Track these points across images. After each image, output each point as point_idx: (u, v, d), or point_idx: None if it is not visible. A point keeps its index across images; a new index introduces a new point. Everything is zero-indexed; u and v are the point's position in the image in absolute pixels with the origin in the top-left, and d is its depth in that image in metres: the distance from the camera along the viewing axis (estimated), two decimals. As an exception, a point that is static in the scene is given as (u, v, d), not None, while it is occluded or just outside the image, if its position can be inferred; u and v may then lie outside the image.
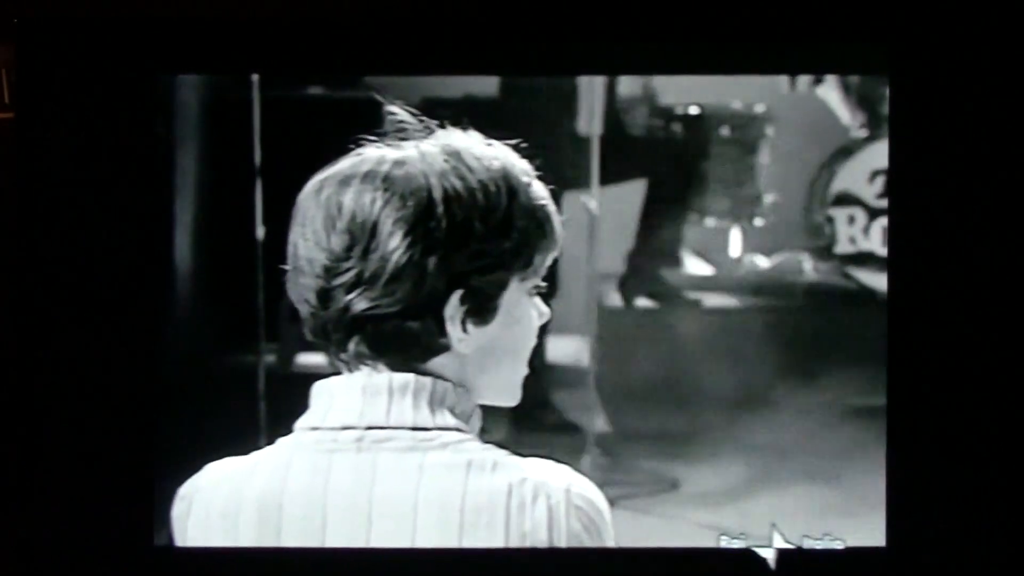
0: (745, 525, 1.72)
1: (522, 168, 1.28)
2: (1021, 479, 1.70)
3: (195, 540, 1.30)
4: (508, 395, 1.33)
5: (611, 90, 3.61)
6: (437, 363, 1.27)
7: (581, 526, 1.22)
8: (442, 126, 1.31)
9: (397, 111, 1.31)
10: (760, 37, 1.71)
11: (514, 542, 1.22)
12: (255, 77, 2.92)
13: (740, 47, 1.72)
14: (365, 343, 1.25)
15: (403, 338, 1.24)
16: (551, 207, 1.30)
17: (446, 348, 1.26)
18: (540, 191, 1.29)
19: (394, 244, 1.22)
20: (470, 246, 1.23)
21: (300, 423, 1.28)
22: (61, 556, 1.70)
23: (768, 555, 1.65)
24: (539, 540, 1.22)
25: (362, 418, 1.25)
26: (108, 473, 1.69)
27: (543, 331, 1.33)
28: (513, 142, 1.30)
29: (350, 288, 1.23)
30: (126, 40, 1.69)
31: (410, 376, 1.25)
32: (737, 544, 1.67)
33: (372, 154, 1.27)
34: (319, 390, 1.28)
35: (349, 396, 1.26)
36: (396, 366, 1.26)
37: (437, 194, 1.23)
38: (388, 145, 1.29)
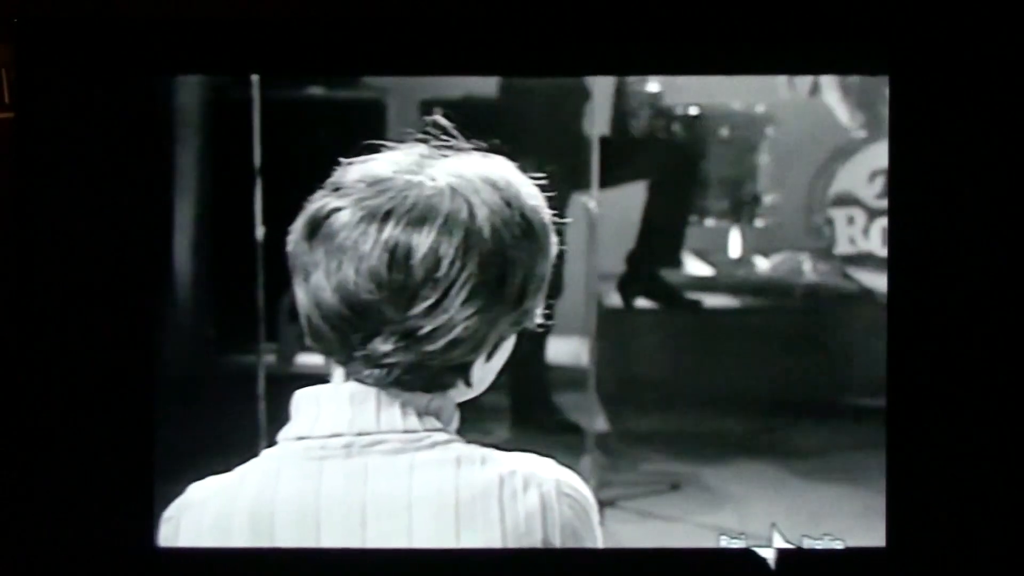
0: (745, 525, 1.72)
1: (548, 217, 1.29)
2: (1021, 479, 1.70)
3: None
4: None
5: (611, 91, 3.61)
6: None
7: (573, 513, 1.24)
8: (480, 148, 1.29)
9: (445, 124, 1.29)
10: (760, 37, 1.71)
11: (510, 532, 1.22)
12: (255, 77, 2.92)
13: (740, 47, 1.72)
14: (390, 378, 1.25)
15: (433, 382, 1.26)
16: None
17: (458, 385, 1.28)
18: (555, 241, 1.30)
19: (468, 312, 1.22)
20: (522, 307, 1.26)
21: (284, 434, 1.28)
22: (61, 557, 1.70)
23: (768, 555, 1.65)
24: (534, 529, 1.22)
25: (352, 425, 1.25)
26: (108, 474, 1.69)
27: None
28: (535, 176, 1.29)
29: (402, 337, 1.23)
30: (126, 40, 1.69)
31: None
32: (737, 544, 1.67)
33: (423, 183, 1.23)
34: (304, 399, 1.28)
35: (338, 404, 1.26)
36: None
37: (511, 258, 1.23)
38: (426, 165, 1.24)
